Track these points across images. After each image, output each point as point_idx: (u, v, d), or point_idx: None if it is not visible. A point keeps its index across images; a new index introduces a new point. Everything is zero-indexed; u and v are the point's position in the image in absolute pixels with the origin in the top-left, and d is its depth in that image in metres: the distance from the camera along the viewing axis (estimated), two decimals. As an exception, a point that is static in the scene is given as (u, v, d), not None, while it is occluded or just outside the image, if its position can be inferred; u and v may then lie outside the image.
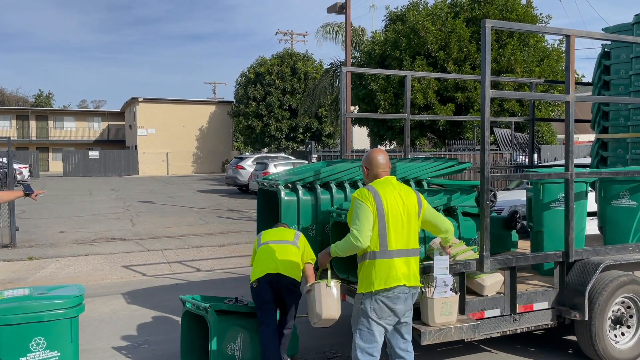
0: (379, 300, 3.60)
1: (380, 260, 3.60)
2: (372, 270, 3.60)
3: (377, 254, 3.61)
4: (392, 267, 3.61)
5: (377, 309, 3.62)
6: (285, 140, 37.77)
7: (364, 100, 23.18)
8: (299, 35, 45.21)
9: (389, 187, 3.71)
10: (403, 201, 3.69)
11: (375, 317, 3.62)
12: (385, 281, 3.59)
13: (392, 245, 3.62)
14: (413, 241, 3.72)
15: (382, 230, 3.61)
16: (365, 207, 3.60)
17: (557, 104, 21.58)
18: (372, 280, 3.60)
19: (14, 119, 51.15)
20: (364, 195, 3.66)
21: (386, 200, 3.64)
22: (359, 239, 3.57)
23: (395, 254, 3.62)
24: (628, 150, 6.89)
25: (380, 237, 3.61)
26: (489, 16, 20.50)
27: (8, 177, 11.44)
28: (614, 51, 7.11)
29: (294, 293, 4.57)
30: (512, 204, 8.26)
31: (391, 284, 3.59)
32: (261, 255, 4.65)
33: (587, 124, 7.82)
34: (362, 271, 3.68)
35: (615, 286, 4.81)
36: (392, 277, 3.60)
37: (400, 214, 3.65)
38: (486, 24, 4.23)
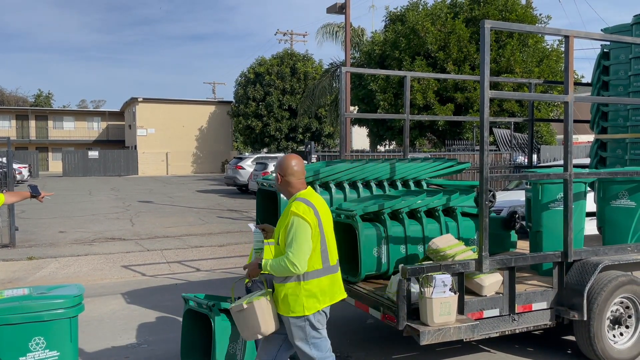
0: (322, 312, 3.54)
1: (324, 278, 3.49)
2: (317, 289, 3.46)
3: (320, 272, 3.47)
4: (335, 281, 3.56)
5: (321, 319, 3.57)
6: (284, 140, 37.77)
7: (364, 101, 23.19)
8: (298, 36, 45.22)
9: (317, 199, 3.57)
10: (329, 213, 3.63)
11: (321, 326, 3.57)
12: (330, 298, 3.53)
13: (333, 260, 3.55)
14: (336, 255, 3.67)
15: (324, 247, 3.49)
16: (306, 226, 3.37)
17: (557, 105, 21.60)
18: (318, 298, 3.47)
19: (13, 119, 51.13)
20: (305, 211, 3.40)
21: (321, 212, 3.50)
22: (297, 266, 3.33)
23: (335, 269, 3.58)
24: (627, 150, 6.89)
25: (322, 254, 3.47)
26: (489, 16, 20.51)
27: (8, 177, 11.44)
28: (613, 52, 7.11)
29: None
30: (511, 204, 8.26)
31: (337, 298, 3.57)
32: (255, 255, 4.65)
33: (586, 125, 7.83)
34: (307, 290, 3.44)
35: (614, 286, 4.81)
36: (336, 292, 3.57)
37: (330, 225, 3.60)
38: (485, 25, 4.24)
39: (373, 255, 5.04)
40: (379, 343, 5.63)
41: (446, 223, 5.44)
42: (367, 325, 6.25)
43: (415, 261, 5.13)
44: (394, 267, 5.11)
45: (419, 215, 5.32)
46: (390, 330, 5.03)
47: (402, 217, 5.22)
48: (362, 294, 4.89)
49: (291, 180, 3.54)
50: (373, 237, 5.04)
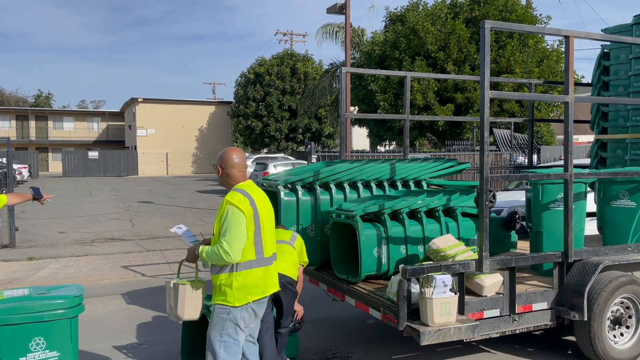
0: (250, 309, 3.44)
1: (257, 270, 3.45)
2: (249, 281, 3.42)
3: (253, 262, 3.43)
4: (268, 274, 3.52)
5: (247, 318, 3.46)
6: (284, 140, 37.78)
7: (364, 101, 23.19)
8: (298, 36, 45.24)
9: (256, 191, 3.57)
10: (268, 206, 3.63)
11: (244, 325, 3.45)
12: (262, 290, 3.48)
13: (267, 252, 3.52)
14: (275, 245, 3.71)
15: (258, 238, 3.45)
16: (240, 215, 3.36)
17: (557, 105, 21.60)
18: (249, 290, 3.42)
19: (13, 119, 51.13)
20: (240, 200, 3.40)
21: (258, 204, 3.49)
22: (230, 255, 3.31)
23: (269, 261, 3.54)
24: (627, 150, 6.89)
25: (256, 245, 3.44)
26: (489, 17, 20.51)
27: (7, 178, 11.44)
28: (614, 52, 7.11)
29: (290, 292, 4.57)
30: (512, 204, 8.26)
31: (268, 291, 3.53)
32: None
33: (587, 125, 7.83)
34: (237, 281, 3.41)
35: (614, 287, 4.81)
36: (269, 285, 3.54)
37: (268, 218, 3.58)
38: (485, 25, 4.24)
39: (373, 255, 5.04)
40: (379, 343, 5.63)
41: (446, 223, 5.44)
42: (367, 325, 6.25)
43: (415, 261, 5.13)
44: (394, 267, 5.11)
45: (419, 216, 5.32)
46: (391, 330, 5.02)
47: (403, 217, 5.22)
48: (362, 294, 4.89)
49: (231, 173, 3.55)
50: (373, 237, 5.04)
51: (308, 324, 5.72)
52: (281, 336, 4.65)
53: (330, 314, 6.57)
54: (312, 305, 6.46)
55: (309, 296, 6.63)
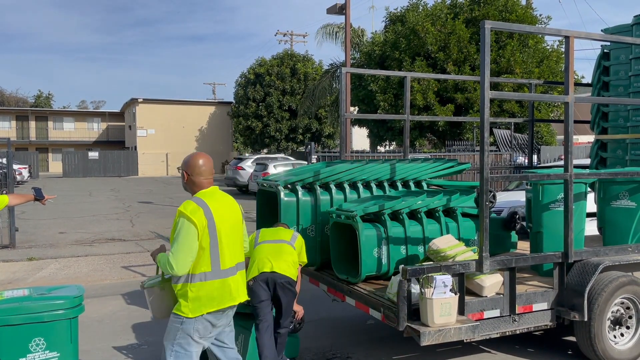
0: (205, 320, 3.31)
1: (212, 282, 3.29)
2: (203, 292, 3.27)
3: (208, 275, 3.28)
4: (225, 287, 3.33)
5: (201, 329, 3.33)
6: (284, 141, 37.77)
7: (364, 101, 23.20)
8: (298, 36, 45.25)
9: (217, 199, 3.43)
10: (232, 212, 3.47)
11: (198, 337, 3.32)
12: (218, 303, 3.32)
13: (226, 264, 3.35)
14: (241, 254, 3.54)
15: (215, 249, 3.29)
16: (190, 227, 3.24)
17: (557, 105, 21.60)
18: (202, 302, 3.28)
19: (13, 120, 51.13)
20: (192, 211, 3.27)
21: (217, 214, 3.33)
22: (174, 267, 3.20)
23: (229, 272, 3.37)
24: (627, 151, 6.89)
25: (212, 257, 3.29)
26: (489, 17, 20.52)
27: (8, 178, 11.44)
28: (614, 52, 7.11)
29: (289, 292, 4.57)
30: (512, 204, 8.25)
31: (225, 304, 3.35)
32: (257, 254, 4.66)
33: (587, 125, 7.83)
34: (192, 292, 3.27)
35: (614, 287, 4.81)
36: (225, 298, 3.35)
37: (231, 227, 3.42)
38: (485, 25, 4.24)
39: (373, 255, 5.04)
40: (379, 344, 5.63)
41: (446, 224, 5.44)
42: (367, 325, 6.25)
43: (415, 262, 5.13)
44: (394, 267, 5.11)
45: (420, 216, 5.32)
46: (391, 330, 5.02)
47: (403, 217, 5.22)
48: (362, 295, 4.88)
49: (197, 180, 3.43)
50: (373, 237, 5.04)
51: (308, 324, 5.72)
52: (281, 336, 4.64)
53: (330, 314, 6.57)
54: (312, 306, 6.46)
55: (309, 296, 6.63)
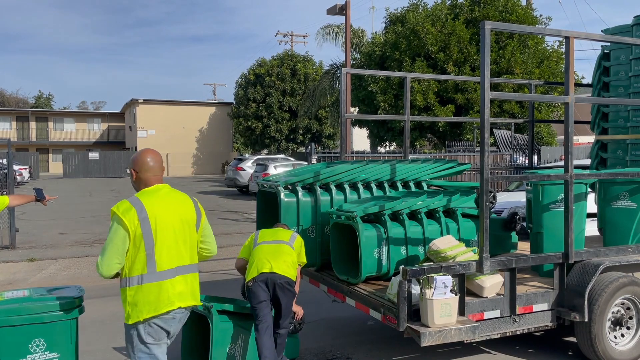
0: (153, 324, 3.18)
1: (148, 285, 3.12)
2: (140, 297, 3.12)
3: (144, 277, 3.12)
4: (162, 290, 3.14)
5: (153, 332, 3.20)
6: (285, 141, 37.77)
7: (364, 102, 23.18)
8: (299, 37, 45.25)
9: (159, 197, 3.24)
10: (178, 211, 3.27)
11: (152, 340, 3.21)
12: (155, 307, 3.14)
13: (163, 266, 3.15)
14: (192, 256, 3.32)
15: (150, 251, 3.12)
16: (119, 228, 3.10)
17: (557, 106, 21.59)
18: (140, 308, 3.12)
19: (14, 120, 51.15)
20: (124, 211, 3.12)
21: (155, 214, 3.16)
22: (100, 269, 3.10)
23: (167, 275, 3.17)
24: (627, 151, 6.88)
25: (148, 259, 3.11)
26: (489, 18, 20.52)
27: (8, 179, 11.45)
28: (614, 53, 7.11)
29: (288, 292, 4.57)
30: (512, 205, 8.25)
31: (162, 309, 3.15)
32: (256, 255, 4.67)
33: (587, 126, 7.82)
34: (130, 297, 3.15)
35: (614, 287, 4.81)
36: (162, 302, 3.15)
37: (173, 228, 3.22)
38: (486, 26, 4.24)
39: (373, 256, 5.04)
40: (379, 344, 5.62)
41: (447, 224, 5.44)
42: (367, 326, 6.25)
43: (415, 262, 5.13)
44: (394, 268, 5.11)
45: (420, 217, 5.32)
46: (391, 331, 5.02)
47: (403, 218, 5.22)
48: (362, 295, 4.88)
49: (145, 177, 3.28)
50: (373, 238, 5.04)
51: (308, 325, 5.72)
52: (280, 336, 4.65)
53: (330, 315, 6.57)
54: (312, 307, 6.46)
55: (309, 297, 6.62)
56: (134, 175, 3.31)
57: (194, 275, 3.34)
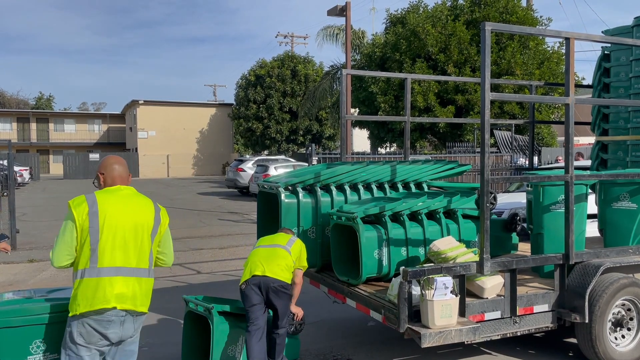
0: (86, 324, 3.13)
1: (88, 279, 3.13)
2: (79, 290, 3.13)
3: (86, 271, 3.14)
4: (100, 286, 3.12)
5: (85, 333, 3.14)
6: (285, 142, 37.79)
7: (364, 103, 23.20)
8: (299, 38, 45.33)
9: (116, 197, 3.28)
10: (133, 214, 3.26)
11: (83, 341, 3.14)
12: (91, 303, 3.11)
13: (104, 262, 3.14)
14: (140, 260, 3.26)
15: (94, 246, 3.14)
16: (68, 220, 3.17)
17: (557, 107, 21.60)
18: (78, 301, 3.12)
19: (14, 122, 51.19)
20: (76, 204, 3.19)
21: (106, 210, 3.18)
22: (52, 260, 3.18)
23: (107, 272, 3.15)
24: (628, 152, 6.88)
25: (91, 253, 3.14)
26: (489, 19, 20.53)
27: (9, 180, 11.46)
28: (614, 54, 7.11)
29: (282, 294, 4.54)
30: (512, 206, 8.25)
31: (97, 305, 3.10)
32: (251, 258, 4.67)
33: (587, 126, 7.82)
34: (74, 290, 3.18)
35: (615, 289, 4.81)
36: (98, 299, 3.11)
37: (124, 228, 3.20)
38: (486, 27, 4.24)
39: (374, 257, 5.03)
40: (380, 345, 5.62)
41: (447, 225, 5.44)
42: (368, 327, 6.25)
43: (416, 263, 5.13)
44: (395, 269, 5.11)
45: (420, 218, 5.32)
46: (392, 332, 5.02)
47: (403, 219, 5.21)
48: (363, 297, 4.88)
49: (110, 180, 3.35)
50: (374, 239, 5.04)
51: (309, 326, 5.72)
52: (279, 337, 4.63)
53: (331, 316, 6.57)
54: (312, 308, 6.46)
55: (309, 298, 6.62)
56: (101, 179, 3.37)
57: (140, 280, 3.25)
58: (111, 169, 3.37)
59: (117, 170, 3.37)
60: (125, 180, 3.41)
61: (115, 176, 3.36)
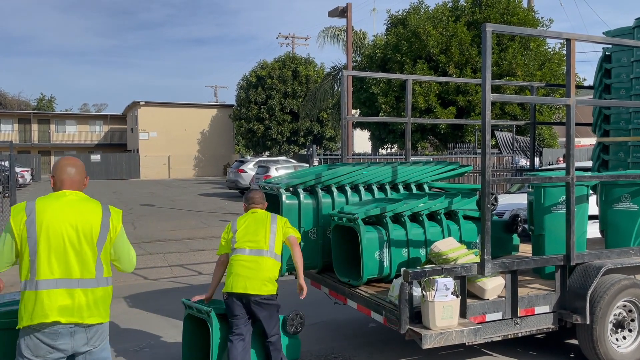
0: (33, 336, 2.99)
1: (29, 292, 3.00)
2: (22, 303, 3.03)
3: (27, 284, 3.01)
4: (38, 300, 2.96)
5: (32, 346, 3.00)
6: (286, 143, 37.81)
7: (365, 104, 23.21)
8: (300, 39, 45.40)
9: (59, 203, 3.08)
10: (76, 221, 3.04)
11: (30, 354, 3.01)
12: (31, 316, 2.96)
13: (41, 274, 2.98)
14: (87, 270, 3.05)
15: (33, 257, 2.99)
16: (6, 230, 3.05)
17: (559, 108, 21.59)
18: (21, 314, 3.02)
19: (16, 123, 51.25)
20: (15, 212, 3.05)
21: (44, 219, 3.00)
22: None
23: (45, 285, 2.97)
24: (629, 153, 6.88)
25: (30, 264, 2.99)
26: (490, 20, 20.53)
27: (10, 181, 11.47)
28: (615, 55, 7.10)
29: (266, 306, 4.37)
30: (514, 207, 8.24)
31: (36, 319, 2.95)
32: (233, 267, 4.38)
33: (589, 128, 7.82)
34: (20, 301, 3.08)
35: (616, 290, 4.80)
36: (37, 313, 2.95)
37: (63, 237, 3.01)
38: (487, 28, 4.24)
39: (375, 258, 5.03)
40: (381, 347, 5.62)
41: (448, 226, 5.44)
42: (369, 328, 6.25)
43: (417, 264, 5.13)
44: (396, 270, 5.11)
45: (421, 219, 5.32)
46: (393, 333, 5.02)
47: (404, 220, 5.21)
48: (364, 298, 4.88)
49: (59, 184, 3.18)
50: (375, 240, 5.04)
51: (309, 327, 5.72)
52: (272, 344, 4.50)
53: (332, 317, 6.57)
54: (314, 309, 6.46)
55: (310, 299, 6.61)
56: (52, 182, 3.22)
57: (86, 290, 3.04)
58: (61, 172, 3.18)
59: (67, 173, 3.17)
60: (77, 184, 3.19)
61: (65, 179, 3.16)
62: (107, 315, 3.17)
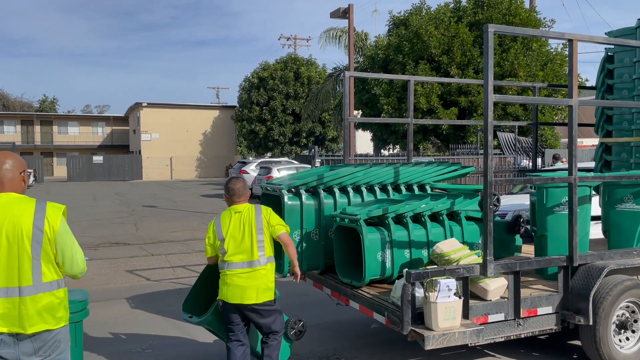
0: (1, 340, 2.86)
1: None
2: None
3: None
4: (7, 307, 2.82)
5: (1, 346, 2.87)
6: (288, 144, 37.84)
7: (367, 105, 23.21)
8: (302, 40, 45.41)
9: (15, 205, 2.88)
10: (6, 225, 2.84)
11: None
12: None
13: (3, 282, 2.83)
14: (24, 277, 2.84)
15: None
16: None
17: (561, 108, 21.56)
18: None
19: (18, 124, 51.35)
20: None
21: None
22: None
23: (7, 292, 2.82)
24: (632, 154, 6.86)
25: None
26: (492, 20, 20.52)
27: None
28: (618, 55, 7.09)
29: (264, 312, 4.33)
30: (516, 208, 8.23)
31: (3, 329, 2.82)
32: (227, 279, 4.25)
33: (591, 128, 7.80)
34: None
35: (619, 290, 4.79)
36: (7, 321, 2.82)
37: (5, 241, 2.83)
38: (489, 29, 4.23)
39: (377, 259, 5.03)
40: (383, 347, 5.62)
41: (450, 227, 5.43)
42: (371, 329, 6.24)
43: (419, 265, 5.12)
44: (398, 271, 5.10)
45: (423, 220, 5.31)
46: (395, 334, 5.01)
47: (407, 221, 5.21)
48: (366, 299, 4.88)
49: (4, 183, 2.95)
50: (377, 241, 5.03)
51: (312, 328, 5.72)
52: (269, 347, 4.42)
53: (334, 318, 6.57)
54: (316, 310, 6.46)
55: (312, 300, 6.63)
56: None
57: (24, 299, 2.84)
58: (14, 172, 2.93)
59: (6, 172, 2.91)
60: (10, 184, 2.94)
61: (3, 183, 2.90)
62: (60, 321, 2.93)
